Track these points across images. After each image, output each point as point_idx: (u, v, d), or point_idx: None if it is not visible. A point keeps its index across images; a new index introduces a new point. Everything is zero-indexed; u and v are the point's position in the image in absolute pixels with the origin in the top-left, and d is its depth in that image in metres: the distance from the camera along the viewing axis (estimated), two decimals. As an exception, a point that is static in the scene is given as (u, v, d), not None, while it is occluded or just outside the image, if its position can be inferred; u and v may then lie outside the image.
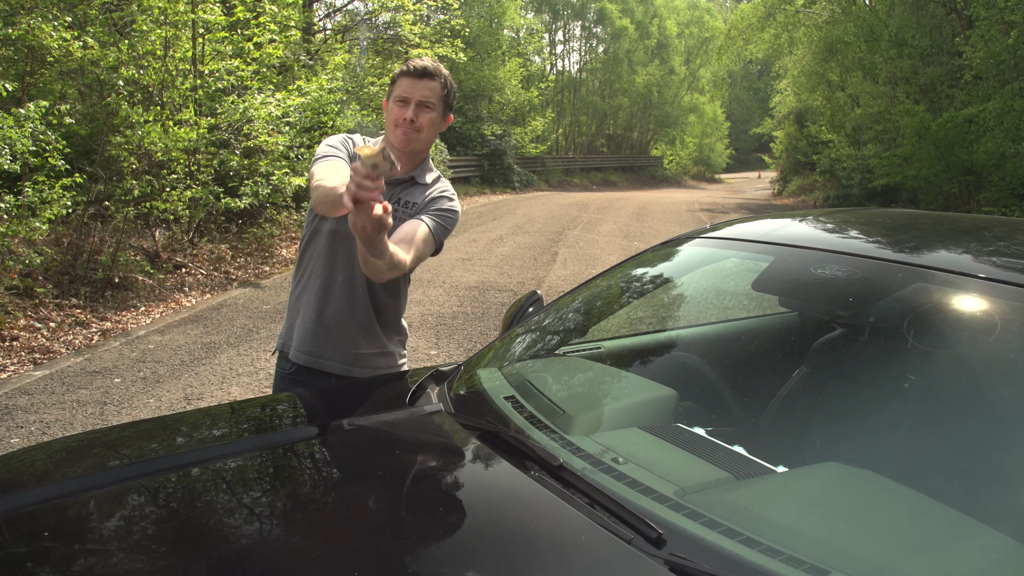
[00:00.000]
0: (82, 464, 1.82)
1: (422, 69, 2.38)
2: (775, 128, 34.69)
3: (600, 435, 1.82)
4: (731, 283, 2.63)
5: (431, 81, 2.39)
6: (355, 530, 1.48)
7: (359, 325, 2.50)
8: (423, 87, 2.38)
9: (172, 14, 8.71)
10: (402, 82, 2.40)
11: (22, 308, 6.80)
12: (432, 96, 2.39)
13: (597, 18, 42.03)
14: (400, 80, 2.41)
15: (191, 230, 9.89)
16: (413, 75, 2.38)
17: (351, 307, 2.48)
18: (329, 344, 2.50)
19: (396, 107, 2.40)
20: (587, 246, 13.41)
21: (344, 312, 2.48)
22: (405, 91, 2.38)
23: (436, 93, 2.40)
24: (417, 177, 2.49)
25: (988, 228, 2.30)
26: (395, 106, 2.40)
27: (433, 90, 2.39)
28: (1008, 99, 13.04)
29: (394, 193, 2.47)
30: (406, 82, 2.39)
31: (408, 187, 2.48)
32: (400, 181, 2.46)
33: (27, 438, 4.53)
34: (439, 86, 2.40)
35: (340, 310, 2.47)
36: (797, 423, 2.00)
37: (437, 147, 19.64)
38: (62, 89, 8.58)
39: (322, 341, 2.50)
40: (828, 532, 1.41)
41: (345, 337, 2.50)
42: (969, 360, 1.78)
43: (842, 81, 22.32)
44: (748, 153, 64.79)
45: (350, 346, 2.51)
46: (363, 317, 2.50)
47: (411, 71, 2.39)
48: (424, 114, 2.39)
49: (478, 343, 6.79)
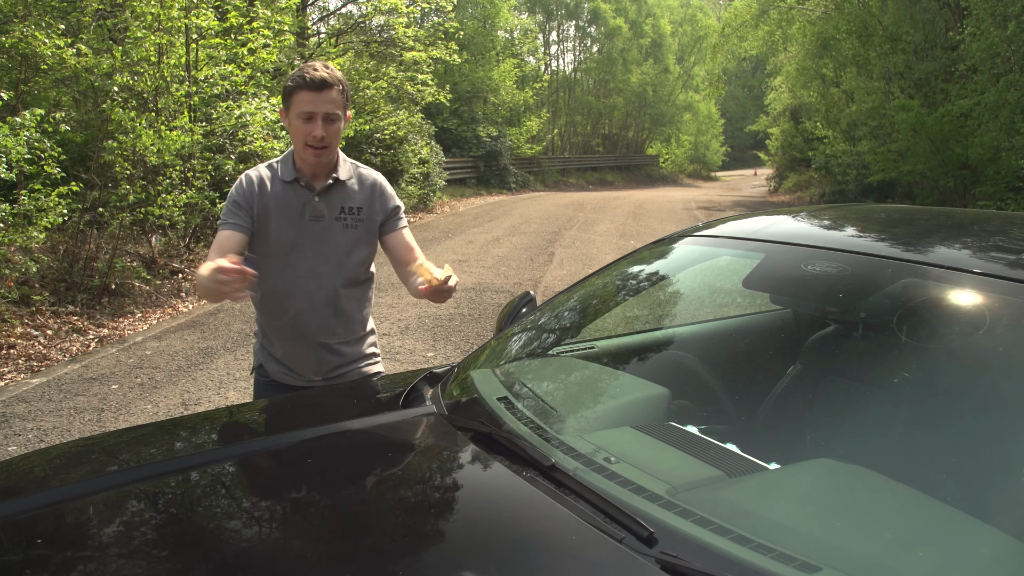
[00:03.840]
0: (80, 470, 1.82)
1: (320, 81, 2.28)
2: (770, 125, 34.68)
3: (593, 435, 1.82)
4: (723, 281, 2.63)
5: (330, 91, 2.30)
6: (350, 532, 1.48)
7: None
8: (325, 100, 2.29)
9: (165, 20, 8.71)
10: (302, 96, 2.29)
11: (19, 316, 6.80)
12: (335, 107, 2.33)
13: (591, 18, 42.06)
14: (299, 94, 2.30)
15: (187, 235, 9.89)
16: (313, 88, 2.28)
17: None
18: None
19: (301, 124, 2.32)
20: (583, 246, 13.42)
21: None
22: (308, 106, 2.30)
23: (338, 102, 2.34)
24: (339, 176, 2.46)
25: (979, 223, 2.31)
26: (300, 123, 2.33)
27: (335, 100, 2.32)
28: (1003, 92, 13.04)
29: (330, 201, 2.45)
30: (307, 96, 2.28)
31: (337, 190, 2.46)
32: (327, 188, 2.44)
33: (25, 445, 4.53)
34: (339, 94, 2.33)
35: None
36: (789, 420, 2.01)
37: (433, 149, 19.65)
38: (56, 96, 8.59)
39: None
40: (820, 528, 1.42)
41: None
42: (960, 355, 1.79)
43: (836, 77, 22.31)
44: (744, 150, 64.73)
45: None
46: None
47: (310, 84, 2.27)
48: (331, 127, 2.34)
49: (475, 344, 6.79)
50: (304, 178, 2.43)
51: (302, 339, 2.50)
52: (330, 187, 2.45)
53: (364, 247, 2.52)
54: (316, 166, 2.41)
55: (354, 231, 2.47)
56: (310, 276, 2.44)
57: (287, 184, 2.43)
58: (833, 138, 23.26)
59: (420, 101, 19.05)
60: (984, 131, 13.82)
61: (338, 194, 2.46)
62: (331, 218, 2.44)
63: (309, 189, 2.43)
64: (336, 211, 2.45)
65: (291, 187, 2.43)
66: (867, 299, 2.00)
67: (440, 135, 23.44)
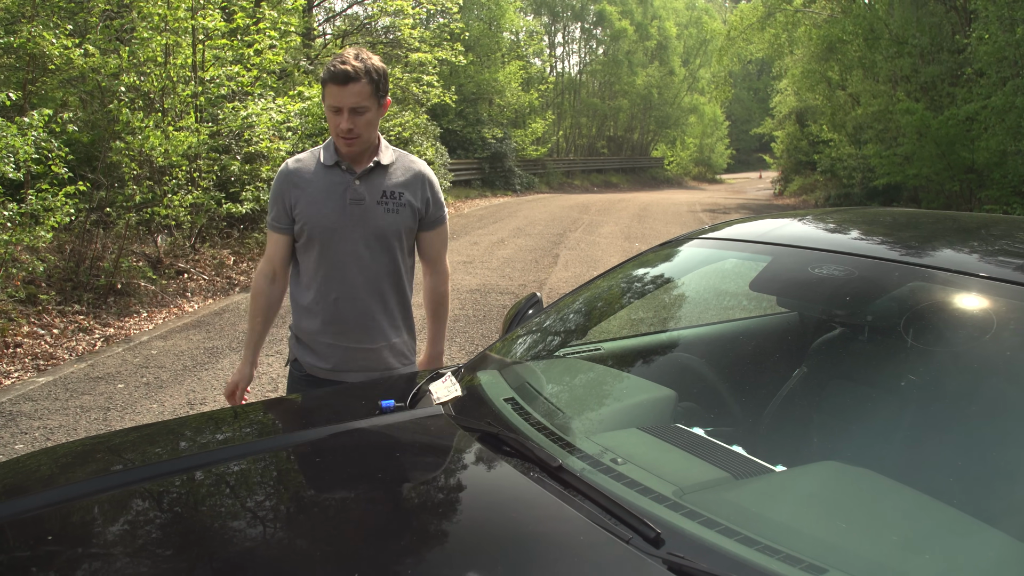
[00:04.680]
0: (86, 468, 1.83)
1: (343, 75, 2.31)
2: (776, 128, 34.66)
3: (599, 436, 1.82)
4: (730, 283, 2.63)
5: (356, 84, 2.33)
6: (357, 532, 1.49)
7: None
8: (350, 94, 2.33)
9: (172, 21, 8.74)
10: (330, 89, 2.35)
11: (26, 315, 6.82)
12: (362, 99, 2.35)
13: (596, 20, 42.03)
14: (328, 87, 2.36)
15: (193, 235, 9.91)
16: (338, 82, 2.32)
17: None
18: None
19: (332, 115, 2.39)
20: (588, 248, 13.42)
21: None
22: (335, 100, 2.35)
23: (365, 94, 2.35)
24: (380, 161, 2.50)
25: (985, 226, 2.30)
26: (330, 114, 2.40)
27: (361, 93, 2.34)
28: (1010, 96, 13.02)
29: (372, 185, 2.48)
30: (333, 90, 2.34)
31: (379, 173, 2.49)
32: (368, 171, 2.48)
33: (31, 444, 4.54)
34: (366, 85, 2.35)
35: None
36: (795, 422, 2.01)
37: (438, 151, 19.66)
38: (64, 96, 8.61)
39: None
40: (826, 531, 1.42)
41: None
42: (967, 359, 1.79)
43: (842, 80, 22.29)
44: (749, 153, 64.73)
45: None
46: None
47: (335, 77, 2.32)
48: (359, 118, 2.37)
49: (480, 345, 6.79)
50: (345, 162, 2.48)
51: (342, 325, 2.50)
52: (371, 171, 2.48)
53: (406, 233, 2.53)
54: (351, 153, 2.45)
55: (396, 215, 2.48)
56: (352, 259, 2.46)
57: (328, 168, 2.48)
58: (839, 141, 23.25)
59: (425, 102, 19.08)
60: (990, 135, 13.79)
61: (379, 178, 2.49)
62: (372, 201, 2.46)
63: (350, 172, 2.47)
64: (377, 195, 2.47)
65: (332, 171, 2.48)
66: (874, 302, 2.00)
67: (445, 136, 23.46)
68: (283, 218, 2.49)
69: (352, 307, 2.49)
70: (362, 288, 2.48)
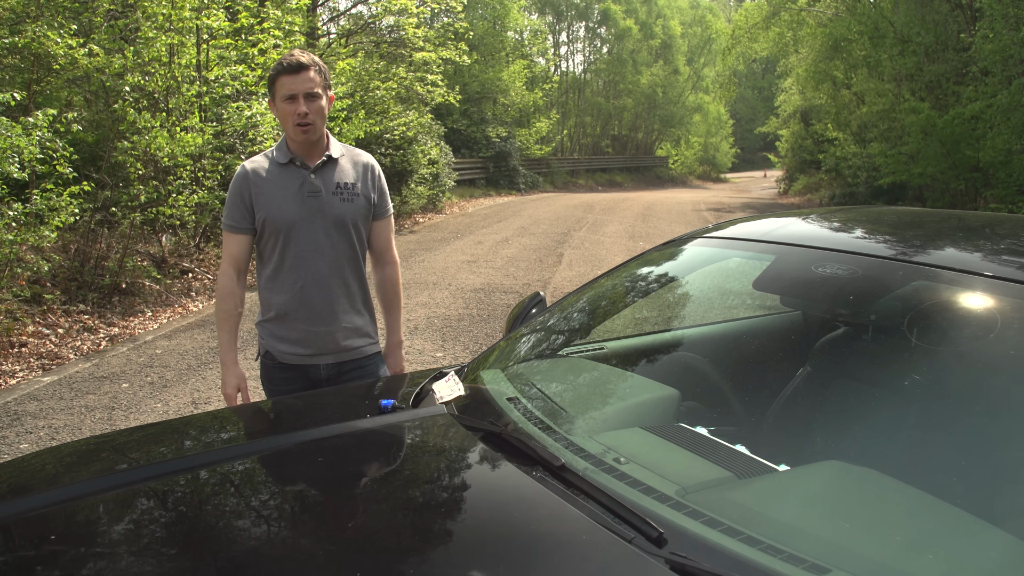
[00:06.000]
0: (91, 468, 1.84)
1: (298, 64, 2.51)
2: (780, 127, 34.58)
3: (602, 435, 1.82)
4: (733, 282, 2.63)
5: (307, 72, 2.52)
6: (360, 531, 1.49)
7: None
8: (304, 80, 2.51)
9: (176, 20, 8.74)
10: (283, 81, 2.52)
11: (31, 315, 6.84)
12: (314, 85, 2.53)
13: (601, 19, 42.01)
14: (280, 79, 2.53)
15: (197, 235, 9.92)
16: (291, 72, 2.51)
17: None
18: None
19: (286, 106, 2.54)
20: (593, 247, 13.41)
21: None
22: (289, 88, 2.52)
23: (316, 81, 2.54)
24: (332, 154, 2.65)
25: (990, 226, 2.30)
26: (285, 105, 2.55)
27: (313, 80, 2.53)
28: (1015, 94, 12.97)
29: (326, 178, 2.62)
30: (287, 80, 2.52)
31: (332, 167, 2.64)
32: (321, 165, 2.62)
33: (36, 443, 4.56)
34: (316, 74, 2.54)
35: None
36: (799, 422, 2.01)
37: (442, 150, 19.67)
38: (68, 96, 8.63)
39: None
40: (829, 530, 1.41)
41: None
42: (971, 358, 1.78)
43: (847, 79, 22.23)
44: (753, 152, 64.61)
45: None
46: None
47: (288, 68, 2.52)
48: (313, 104, 2.54)
49: (484, 345, 6.79)
50: (299, 158, 2.62)
51: (310, 310, 2.63)
52: (324, 164, 2.63)
53: (362, 221, 2.70)
54: (306, 144, 2.60)
55: (351, 204, 2.64)
56: (314, 248, 2.60)
57: (283, 166, 2.63)
58: (843, 140, 23.17)
59: (430, 102, 19.05)
60: (996, 134, 13.74)
61: (332, 171, 2.65)
62: (328, 192, 2.61)
63: (305, 168, 2.61)
64: (332, 187, 2.62)
65: (287, 168, 2.62)
66: (877, 301, 2.00)
67: (450, 136, 23.46)
68: (244, 218, 2.62)
69: (318, 293, 2.62)
70: (326, 274, 2.62)
